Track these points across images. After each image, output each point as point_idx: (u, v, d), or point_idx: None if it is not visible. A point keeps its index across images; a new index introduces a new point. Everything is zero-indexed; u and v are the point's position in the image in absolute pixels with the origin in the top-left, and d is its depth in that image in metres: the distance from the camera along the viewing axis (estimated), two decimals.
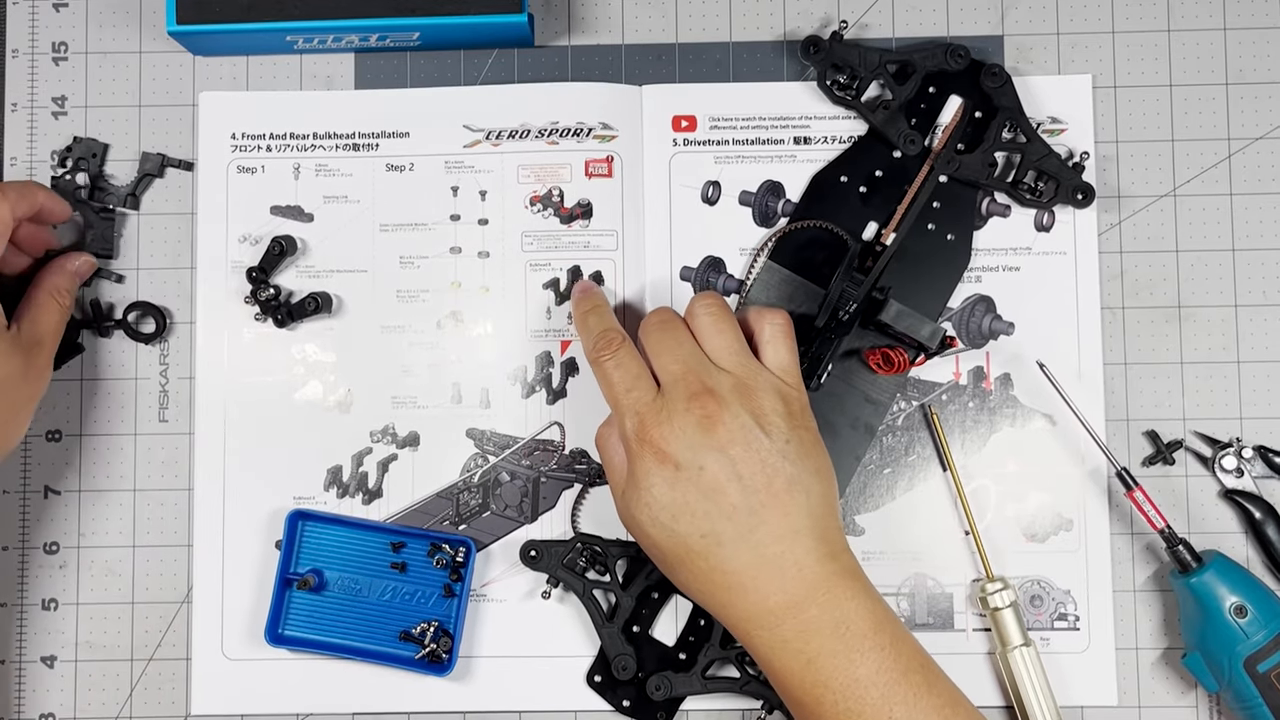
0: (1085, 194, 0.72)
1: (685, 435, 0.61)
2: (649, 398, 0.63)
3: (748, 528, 0.60)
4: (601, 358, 0.65)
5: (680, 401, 0.62)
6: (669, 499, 0.61)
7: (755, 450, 0.61)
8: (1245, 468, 0.72)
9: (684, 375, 0.63)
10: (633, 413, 0.63)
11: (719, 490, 0.61)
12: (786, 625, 0.60)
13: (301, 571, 0.72)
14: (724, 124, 0.74)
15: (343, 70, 0.75)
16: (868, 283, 0.69)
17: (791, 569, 0.60)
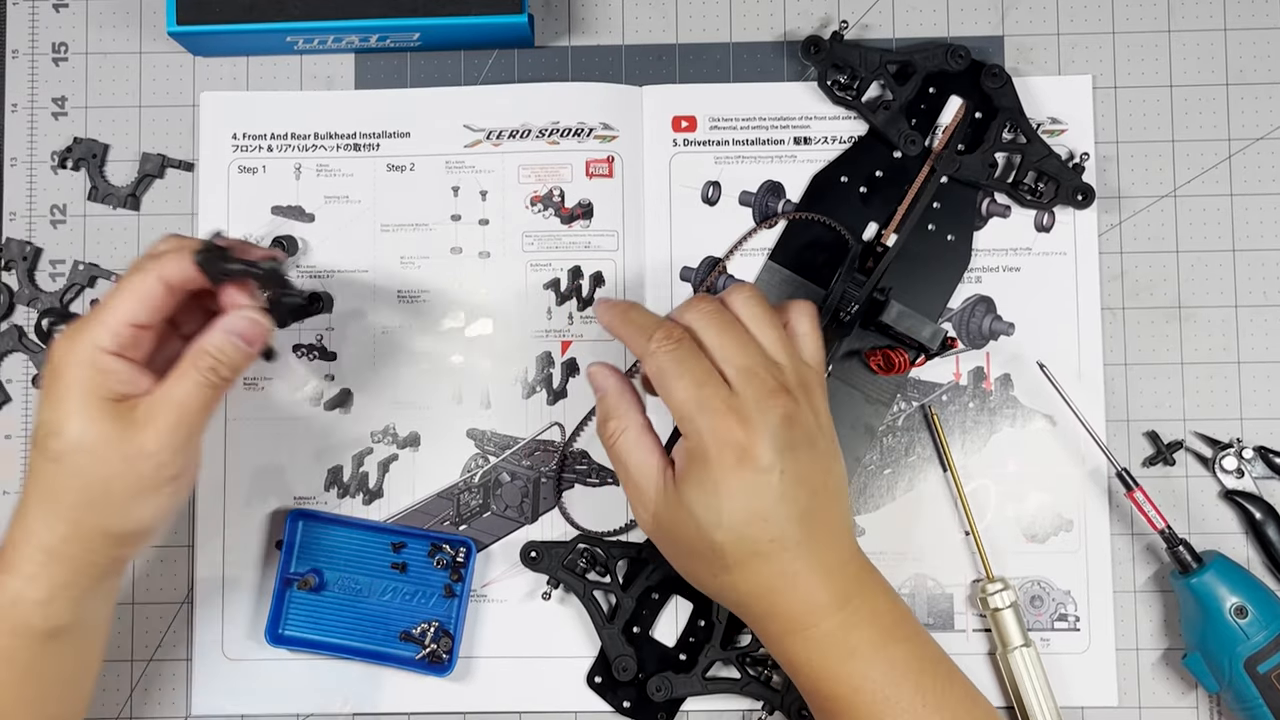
0: (1085, 194, 0.72)
1: (767, 436, 0.57)
2: (724, 394, 0.58)
3: (810, 530, 0.59)
4: (663, 349, 0.59)
5: (759, 399, 0.58)
6: (745, 502, 0.58)
7: (818, 450, 0.60)
8: (1245, 468, 0.72)
9: (755, 371, 0.59)
10: (708, 410, 0.58)
11: (793, 494, 0.58)
12: (832, 619, 0.59)
13: (302, 571, 0.72)
14: (724, 124, 0.74)
15: (343, 70, 0.75)
16: (869, 284, 0.69)
17: (837, 567, 0.60)
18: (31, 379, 0.74)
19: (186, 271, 0.60)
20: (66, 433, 0.57)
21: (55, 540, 0.58)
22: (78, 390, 0.58)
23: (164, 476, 0.59)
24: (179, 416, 0.58)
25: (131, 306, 0.59)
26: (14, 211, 0.75)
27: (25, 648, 0.59)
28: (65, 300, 0.74)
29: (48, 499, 0.58)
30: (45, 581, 0.58)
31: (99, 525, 0.58)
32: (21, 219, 0.75)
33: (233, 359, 0.60)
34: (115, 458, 0.57)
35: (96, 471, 0.57)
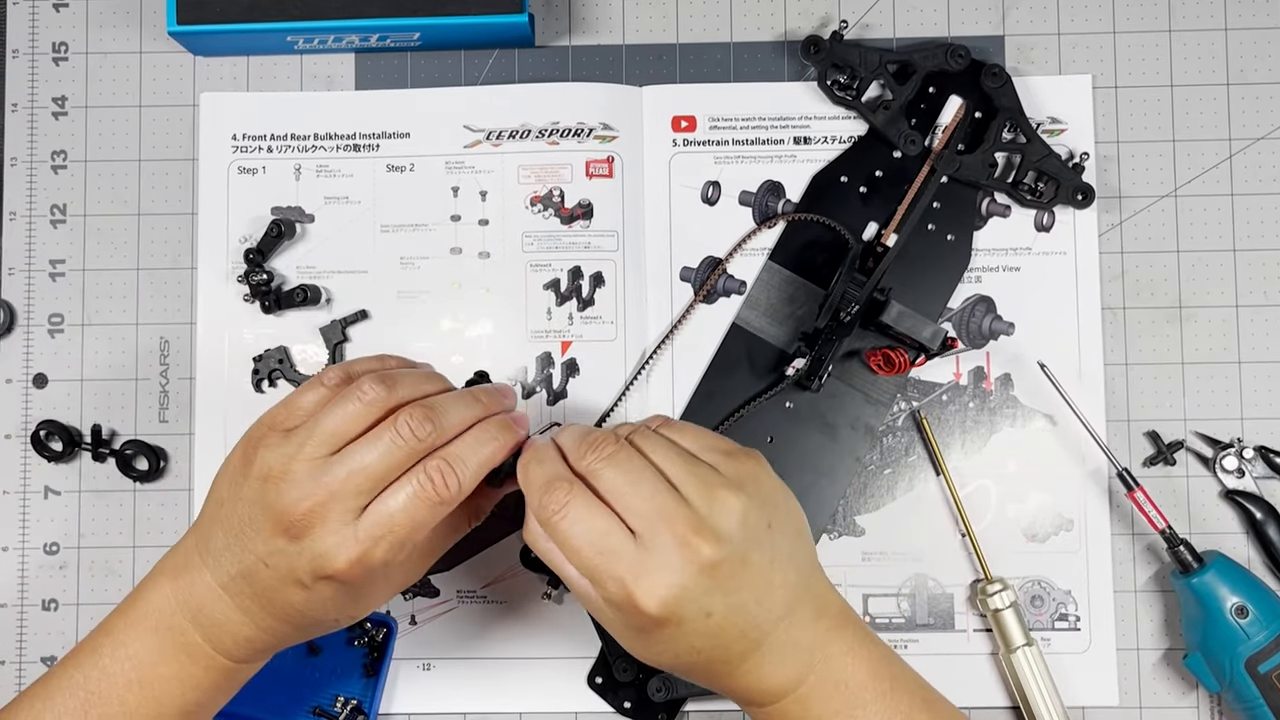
0: (1085, 194, 0.72)
1: (681, 594, 0.53)
2: (628, 552, 0.53)
3: (756, 639, 0.55)
4: (552, 517, 0.53)
5: (667, 554, 0.53)
6: (670, 649, 0.55)
7: (749, 567, 0.54)
8: (1246, 468, 0.72)
9: (659, 518, 0.53)
10: (613, 578, 0.53)
11: (726, 629, 0.54)
12: (788, 698, 0.56)
13: None
14: (724, 124, 0.74)
15: (343, 70, 0.75)
16: (870, 284, 0.69)
17: (789, 649, 0.56)
18: (32, 378, 0.74)
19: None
20: (334, 569, 0.55)
21: (257, 633, 0.58)
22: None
23: (377, 599, 0.58)
24: (397, 535, 0.55)
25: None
26: (14, 211, 0.75)
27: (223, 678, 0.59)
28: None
29: (275, 618, 0.57)
30: (246, 654, 0.58)
31: (298, 636, 0.59)
32: (21, 219, 0.75)
33: (450, 488, 0.55)
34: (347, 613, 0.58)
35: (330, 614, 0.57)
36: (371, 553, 0.54)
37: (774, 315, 0.73)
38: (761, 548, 0.55)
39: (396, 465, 0.55)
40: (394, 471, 0.55)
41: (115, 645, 0.58)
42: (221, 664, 0.58)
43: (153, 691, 0.57)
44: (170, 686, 0.57)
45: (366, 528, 0.54)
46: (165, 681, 0.57)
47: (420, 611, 0.72)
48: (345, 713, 0.70)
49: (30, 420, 0.74)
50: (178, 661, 0.57)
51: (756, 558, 0.55)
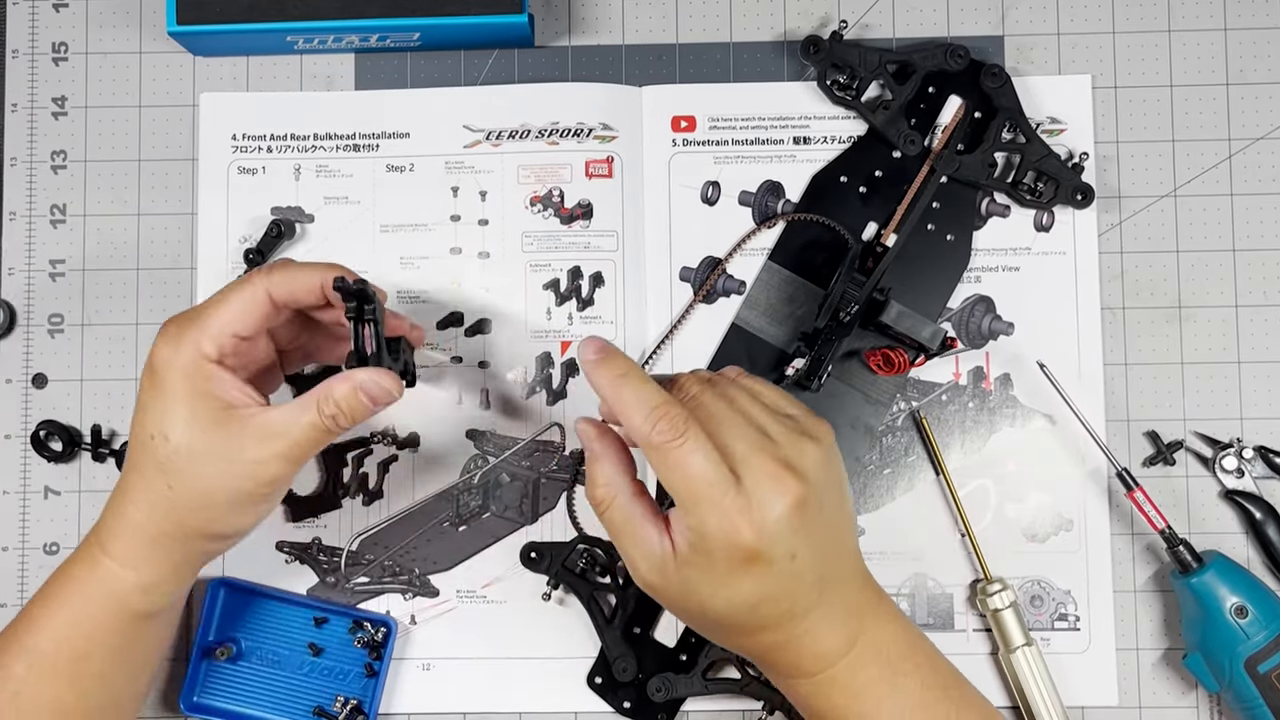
0: (1085, 194, 0.72)
1: (777, 530, 0.55)
2: (731, 491, 0.54)
3: (820, 591, 0.57)
4: (669, 444, 0.55)
5: (765, 491, 0.55)
6: (752, 591, 0.56)
7: (827, 515, 0.57)
8: (1246, 468, 0.72)
9: (757, 454, 0.55)
10: (717, 510, 0.54)
11: (805, 571, 0.56)
12: (837, 665, 0.58)
13: (219, 640, 0.71)
14: (723, 124, 0.74)
15: (343, 70, 0.75)
16: (869, 284, 0.69)
17: (845, 611, 0.58)
18: (31, 378, 0.74)
19: (295, 289, 0.61)
20: (174, 437, 0.59)
21: (157, 534, 0.60)
22: (184, 395, 0.59)
23: (264, 493, 0.60)
24: (290, 447, 0.59)
25: (236, 316, 0.60)
26: (14, 211, 0.75)
27: (123, 629, 0.62)
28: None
29: (151, 495, 0.60)
30: (147, 569, 0.61)
31: (199, 526, 0.60)
32: (21, 219, 0.75)
33: (354, 413, 0.60)
34: (222, 467, 0.59)
35: (202, 477, 0.59)
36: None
37: (774, 315, 0.73)
38: (835, 498, 0.58)
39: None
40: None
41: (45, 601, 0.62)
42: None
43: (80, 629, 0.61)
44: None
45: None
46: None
47: (420, 611, 0.72)
48: (345, 713, 0.71)
49: (30, 420, 0.74)
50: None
51: (830, 507, 0.57)
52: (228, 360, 0.60)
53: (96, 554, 0.61)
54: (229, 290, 0.61)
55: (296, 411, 0.59)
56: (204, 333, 0.59)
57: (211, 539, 0.61)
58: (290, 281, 0.61)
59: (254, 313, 0.60)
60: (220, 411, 0.59)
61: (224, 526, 0.61)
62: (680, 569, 0.56)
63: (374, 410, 0.61)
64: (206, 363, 0.59)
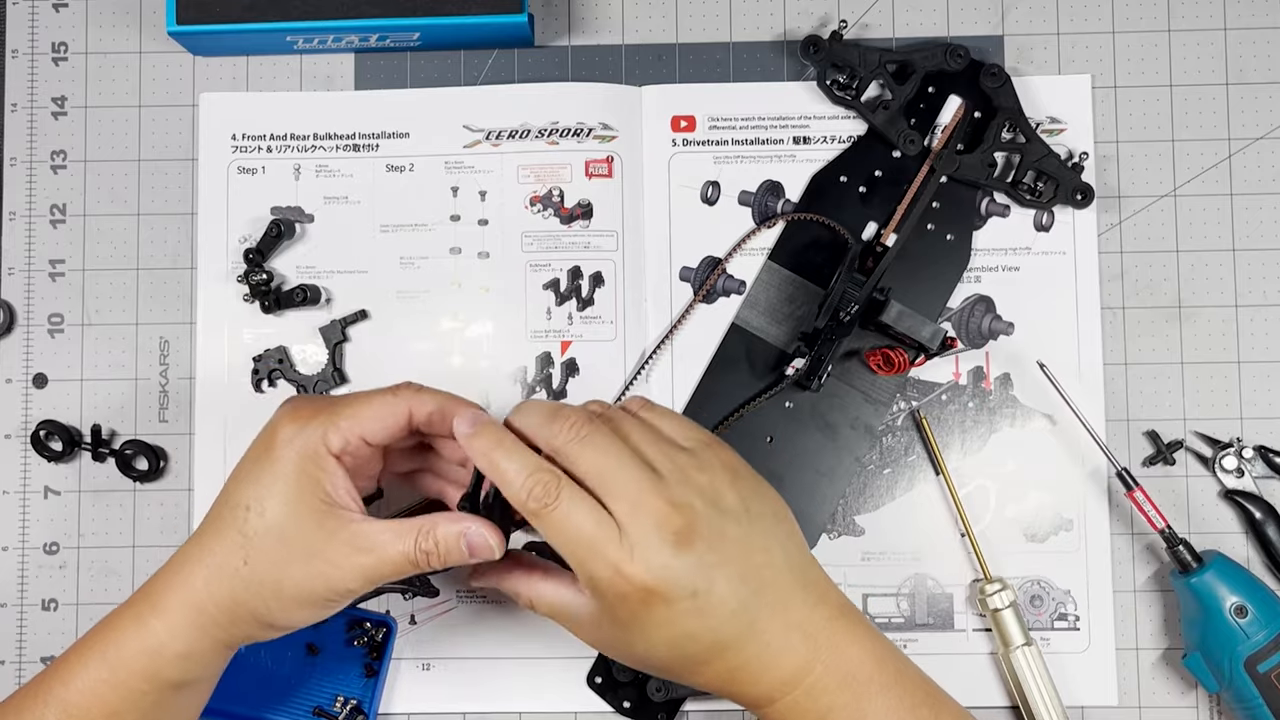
0: (1084, 194, 0.72)
1: (666, 569, 0.54)
2: (612, 539, 0.54)
3: (749, 619, 0.56)
4: (547, 508, 0.55)
5: (649, 531, 0.54)
6: (665, 633, 0.55)
7: (731, 541, 0.55)
8: (1246, 468, 0.72)
9: (639, 497, 0.54)
10: (601, 562, 0.54)
11: (717, 607, 0.55)
12: (798, 690, 0.56)
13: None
14: (723, 124, 0.74)
15: (343, 70, 0.75)
16: (869, 284, 0.69)
17: (794, 635, 0.56)
18: (32, 378, 0.74)
19: (432, 418, 0.60)
20: (269, 514, 0.57)
21: (210, 606, 0.58)
22: (294, 478, 0.57)
23: (331, 600, 0.58)
24: (375, 565, 0.57)
25: (372, 424, 0.58)
26: (14, 211, 0.75)
27: (154, 694, 0.58)
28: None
29: (222, 567, 0.57)
30: (190, 639, 0.58)
31: (257, 610, 0.58)
32: (21, 219, 0.75)
33: (448, 556, 0.58)
34: (303, 561, 0.57)
35: (280, 564, 0.57)
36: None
37: (774, 315, 0.73)
38: (739, 524, 0.56)
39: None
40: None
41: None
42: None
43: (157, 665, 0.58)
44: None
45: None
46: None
47: (420, 611, 0.72)
48: (345, 713, 0.71)
49: (30, 420, 0.74)
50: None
51: (734, 533, 0.56)
52: (346, 460, 0.58)
53: (144, 611, 0.58)
54: (373, 394, 0.59)
55: (395, 534, 0.57)
56: (334, 424, 0.58)
57: (261, 626, 0.59)
58: (435, 407, 0.60)
59: (390, 424, 0.59)
60: (323, 505, 0.57)
61: (280, 619, 0.58)
62: (597, 622, 0.57)
63: (468, 561, 0.58)
64: (327, 455, 0.57)
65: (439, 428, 0.60)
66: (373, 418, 0.58)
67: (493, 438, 0.57)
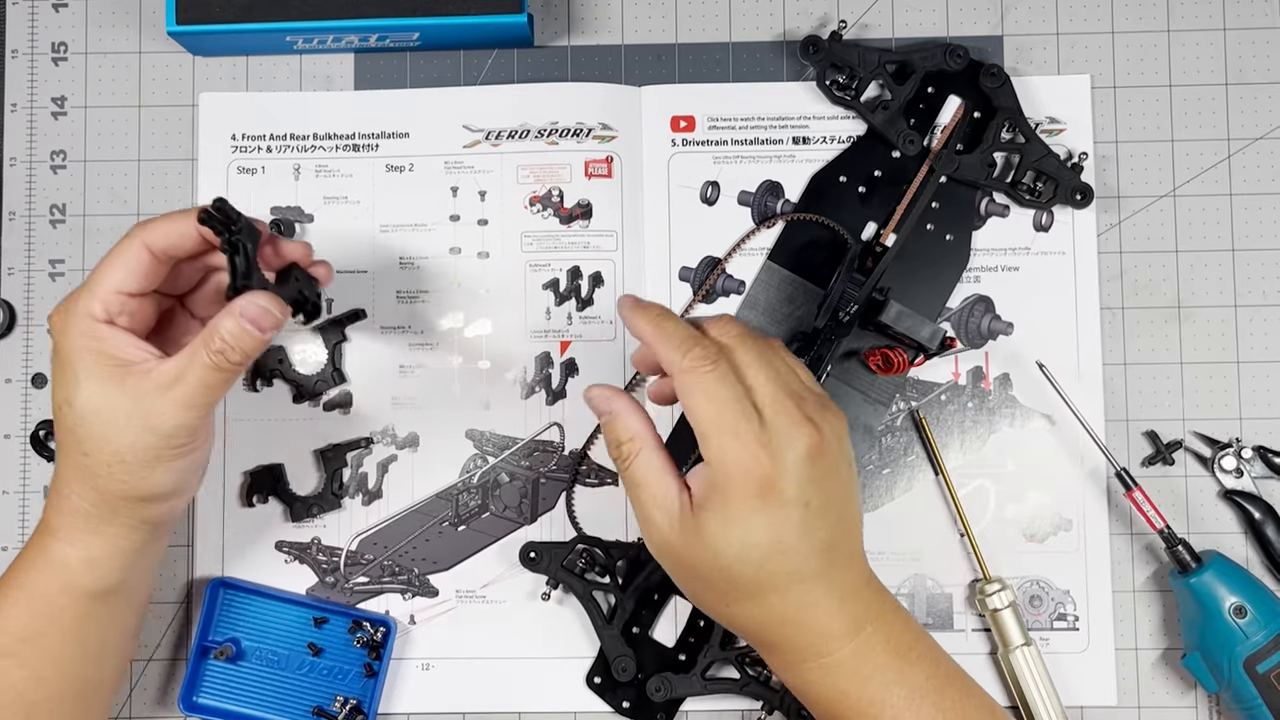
0: (1084, 194, 0.72)
1: (794, 469, 0.56)
2: (754, 424, 0.56)
3: (828, 560, 0.58)
4: (701, 369, 0.57)
5: (786, 430, 0.56)
6: (767, 535, 0.56)
7: (841, 480, 0.58)
8: (1245, 468, 0.72)
9: (784, 400, 0.57)
10: (737, 439, 0.56)
11: (815, 528, 0.57)
12: (846, 649, 0.58)
13: (219, 640, 0.71)
14: (723, 124, 0.74)
15: (343, 70, 0.75)
16: (869, 284, 0.69)
17: (852, 593, 0.59)
18: (31, 378, 0.74)
19: (170, 238, 0.60)
20: (76, 402, 0.59)
21: (87, 505, 0.60)
22: (80, 360, 0.59)
23: (175, 447, 0.59)
24: (188, 395, 0.58)
25: (118, 274, 0.60)
26: (14, 211, 0.75)
27: (73, 606, 0.61)
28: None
29: (73, 466, 0.60)
30: (88, 544, 0.61)
31: (119, 490, 0.60)
32: (21, 219, 0.75)
33: (243, 344, 0.59)
34: (126, 425, 0.58)
35: (110, 438, 0.58)
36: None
37: (773, 315, 0.73)
38: (849, 471, 0.60)
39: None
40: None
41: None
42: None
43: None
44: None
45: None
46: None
47: (420, 611, 0.72)
48: (345, 712, 0.71)
49: (30, 420, 0.74)
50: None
51: (844, 476, 0.59)
52: (120, 320, 0.60)
53: (43, 534, 0.61)
54: (111, 251, 0.61)
55: (187, 356, 0.59)
56: (91, 296, 0.59)
57: (137, 502, 0.60)
58: (165, 230, 0.60)
59: (136, 268, 0.60)
60: (116, 369, 0.59)
61: (144, 486, 0.60)
62: (696, 516, 0.57)
63: (264, 338, 0.59)
64: (97, 324, 0.59)
65: (185, 245, 0.61)
66: (116, 270, 0.60)
67: (658, 308, 0.60)
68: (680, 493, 0.58)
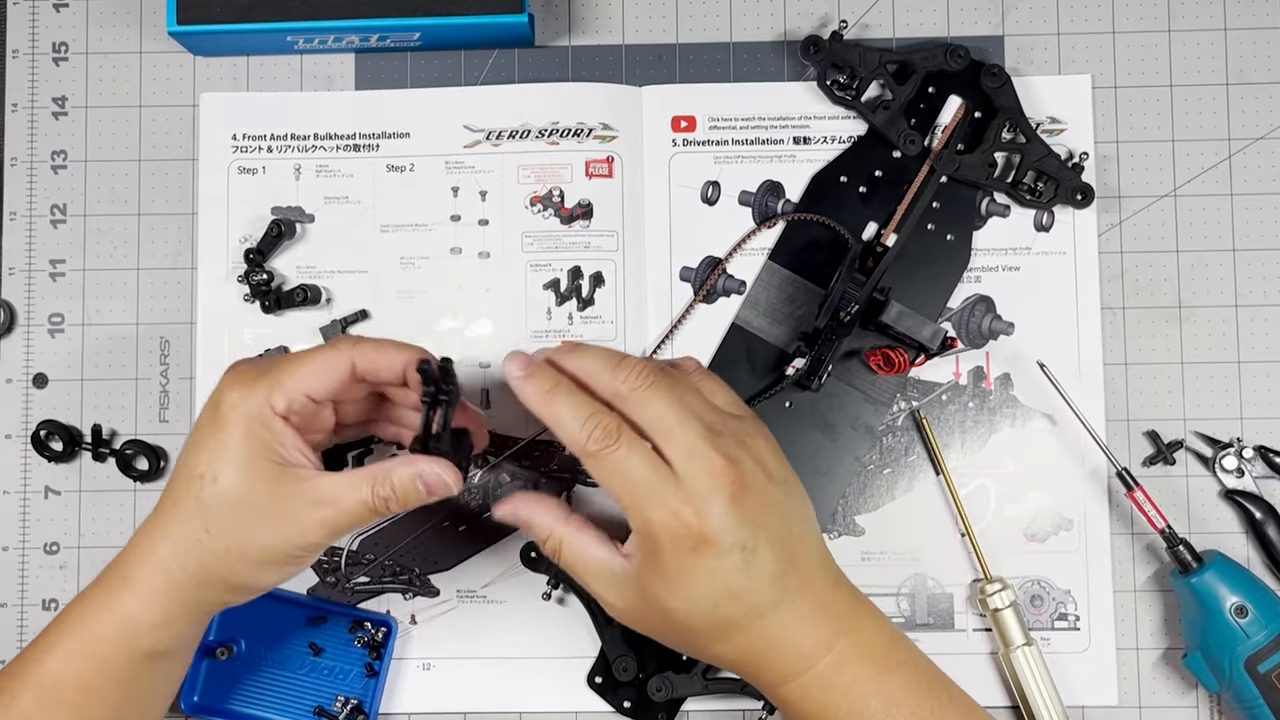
0: (1084, 194, 0.72)
1: (720, 517, 0.56)
2: (670, 484, 0.56)
3: (782, 588, 0.58)
4: (606, 449, 0.56)
5: (705, 482, 0.56)
6: (710, 587, 0.56)
7: (774, 505, 0.58)
8: (1246, 468, 0.72)
9: (697, 445, 0.56)
10: (658, 505, 0.56)
11: (759, 565, 0.57)
12: (821, 662, 0.58)
13: (219, 640, 0.71)
14: (723, 124, 0.74)
15: (343, 70, 0.75)
16: (869, 284, 0.69)
17: (819, 608, 0.59)
18: (32, 378, 0.74)
19: (378, 365, 0.60)
20: (224, 480, 0.58)
21: (179, 574, 0.58)
22: (244, 441, 0.58)
23: (297, 556, 0.59)
24: (335, 517, 0.58)
25: (313, 379, 0.59)
26: (14, 211, 0.75)
27: (129, 665, 0.59)
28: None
29: (184, 534, 0.58)
30: (162, 608, 0.59)
31: (225, 575, 0.59)
32: (21, 219, 0.75)
33: (408, 500, 0.59)
34: (263, 522, 0.58)
35: (241, 528, 0.58)
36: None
37: (774, 315, 0.73)
38: (782, 493, 0.58)
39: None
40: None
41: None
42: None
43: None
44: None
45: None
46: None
47: (420, 611, 0.72)
48: (345, 712, 0.71)
49: (30, 420, 0.74)
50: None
51: (777, 501, 0.58)
52: (294, 419, 0.59)
53: (116, 583, 0.59)
54: (313, 351, 0.60)
55: (350, 484, 0.58)
56: (278, 385, 0.58)
57: (232, 590, 0.60)
58: (376, 356, 0.60)
59: (333, 379, 0.60)
60: (275, 466, 0.58)
61: (248, 580, 0.59)
62: (637, 580, 0.58)
63: (427, 500, 0.60)
64: (273, 416, 0.58)
65: (385, 376, 0.61)
66: (314, 374, 0.59)
67: (548, 380, 0.59)
68: (614, 557, 0.59)
